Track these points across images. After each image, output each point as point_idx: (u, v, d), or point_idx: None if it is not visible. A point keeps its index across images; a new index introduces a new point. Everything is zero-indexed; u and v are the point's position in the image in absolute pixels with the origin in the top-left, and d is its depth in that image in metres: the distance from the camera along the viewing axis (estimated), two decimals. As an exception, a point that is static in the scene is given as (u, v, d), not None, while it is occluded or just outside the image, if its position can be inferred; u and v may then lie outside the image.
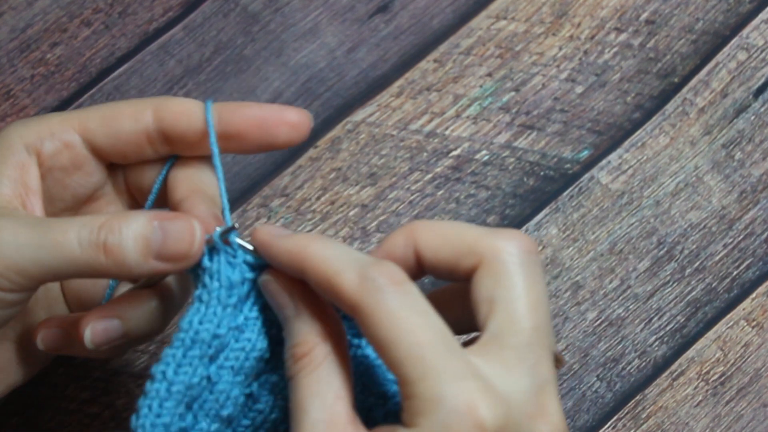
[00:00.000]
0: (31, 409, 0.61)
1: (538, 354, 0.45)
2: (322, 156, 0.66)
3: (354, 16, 0.68)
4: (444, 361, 0.43)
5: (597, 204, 0.65)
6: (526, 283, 0.46)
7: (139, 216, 0.48)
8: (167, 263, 0.48)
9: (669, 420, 0.62)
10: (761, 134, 0.67)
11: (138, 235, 0.48)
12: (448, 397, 0.43)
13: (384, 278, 0.44)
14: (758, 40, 0.68)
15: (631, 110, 0.67)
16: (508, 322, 0.45)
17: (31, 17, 0.67)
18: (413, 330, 0.43)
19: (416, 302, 0.44)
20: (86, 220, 0.48)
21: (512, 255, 0.46)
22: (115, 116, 0.51)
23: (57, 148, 0.51)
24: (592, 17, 0.68)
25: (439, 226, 0.48)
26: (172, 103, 0.51)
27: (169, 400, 0.48)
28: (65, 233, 0.47)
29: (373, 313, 0.44)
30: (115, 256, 0.48)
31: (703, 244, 0.65)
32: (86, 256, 0.47)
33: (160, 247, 0.48)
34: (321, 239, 0.46)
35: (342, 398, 0.45)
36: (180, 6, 0.68)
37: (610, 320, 0.64)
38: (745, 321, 0.64)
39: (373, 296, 0.44)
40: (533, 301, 0.45)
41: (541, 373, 0.45)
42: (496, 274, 0.46)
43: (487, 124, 0.66)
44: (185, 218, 0.49)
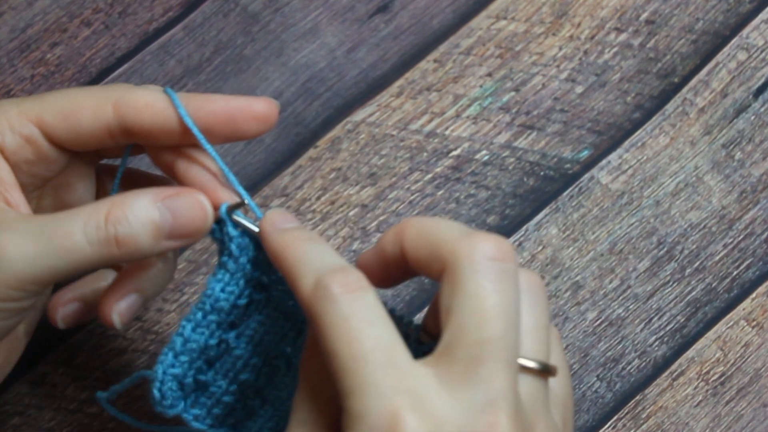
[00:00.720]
0: (31, 409, 0.61)
1: (488, 368, 0.42)
2: (322, 156, 0.66)
3: (354, 16, 0.68)
4: (376, 377, 0.42)
5: (597, 204, 0.65)
6: (482, 292, 0.43)
7: (141, 198, 0.48)
8: (180, 240, 0.49)
9: (669, 420, 0.62)
10: (761, 134, 0.67)
11: (146, 220, 0.48)
12: (371, 414, 0.41)
13: (337, 286, 0.43)
14: (758, 40, 0.68)
15: (631, 110, 0.67)
16: (457, 333, 0.43)
17: (31, 17, 0.67)
18: (352, 342, 0.42)
19: (365, 312, 0.43)
20: (87, 213, 0.47)
21: (473, 262, 0.44)
22: (74, 111, 0.49)
23: (19, 144, 0.49)
24: (592, 17, 0.68)
25: (423, 224, 0.46)
26: (133, 96, 0.49)
27: (184, 354, 0.50)
28: (72, 235, 0.47)
29: (319, 321, 0.43)
30: (128, 246, 0.48)
31: (703, 244, 0.65)
32: (98, 252, 0.47)
33: (171, 227, 0.48)
34: (304, 239, 0.46)
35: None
36: (180, 6, 0.68)
37: (610, 320, 0.64)
38: (745, 321, 0.64)
39: (322, 304, 0.43)
40: (485, 312, 0.43)
41: (493, 388, 0.42)
42: (452, 282, 0.44)
43: (487, 124, 0.66)
44: (189, 193, 0.49)
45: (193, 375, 0.50)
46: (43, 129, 0.49)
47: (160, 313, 0.62)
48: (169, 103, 0.49)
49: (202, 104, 0.49)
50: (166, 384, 0.50)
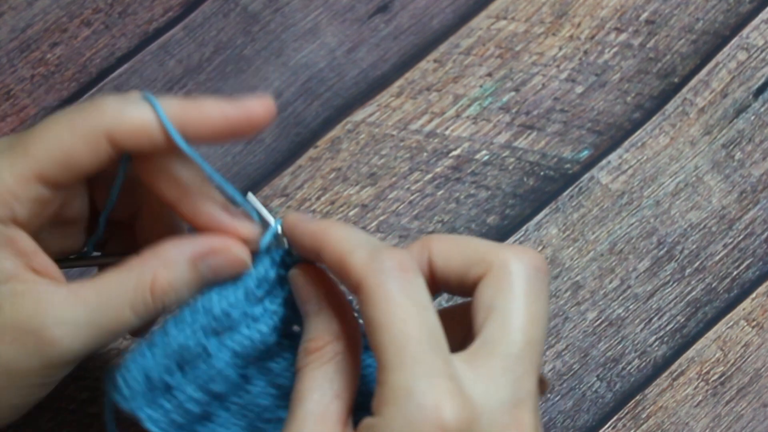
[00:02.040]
0: (31, 409, 0.61)
1: (524, 368, 0.45)
2: (322, 156, 0.66)
3: (354, 16, 0.68)
4: (424, 356, 0.43)
5: (597, 204, 0.65)
6: (528, 297, 0.46)
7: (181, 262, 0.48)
8: None
9: (669, 420, 0.62)
10: (761, 134, 0.67)
11: (191, 282, 0.49)
12: (417, 392, 0.43)
13: (392, 262, 0.44)
14: (758, 40, 0.68)
15: (631, 110, 0.67)
16: (502, 331, 0.45)
17: (31, 17, 0.67)
18: (404, 318, 0.44)
19: (417, 293, 0.44)
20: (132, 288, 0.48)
21: (519, 268, 0.46)
22: (71, 157, 0.47)
23: (30, 208, 0.48)
24: (592, 17, 0.68)
25: (454, 238, 0.48)
26: (123, 121, 0.47)
27: (158, 347, 0.49)
28: (122, 315, 0.48)
29: (372, 293, 0.44)
30: (174, 306, 0.49)
31: (703, 244, 0.65)
32: (144, 321, 0.49)
33: (213, 279, 0.49)
34: (341, 224, 0.47)
35: (340, 398, 0.46)
36: (180, 6, 0.68)
37: (610, 320, 0.64)
38: (745, 321, 0.64)
39: (377, 277, 0.44)
40: (531, 315, 0.45)
41: (524, 387, 0.45)
42: (499, 283, 0.46)
43: (487, 124, 0.66)
44: (226, 248, 0.49)
45: (161, 373, 0.49)
46: (45, 183, 0.48)
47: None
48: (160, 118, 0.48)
49: (198, 114, 0.48)
50: (131, 372, 0.49)
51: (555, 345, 0.63)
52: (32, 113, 0.65)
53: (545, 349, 0.63)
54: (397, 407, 0.43)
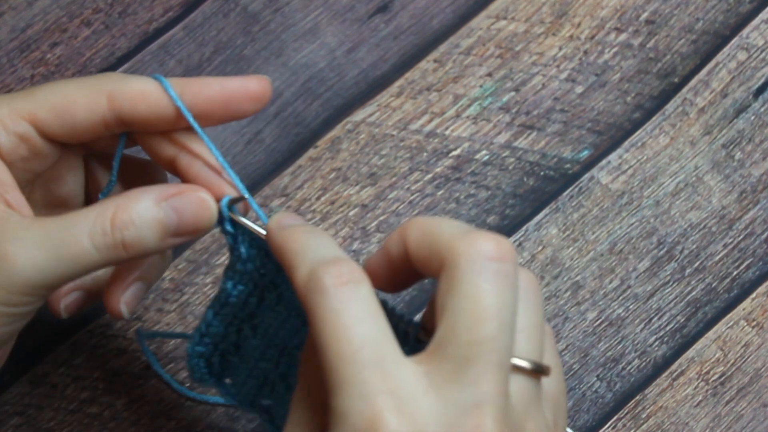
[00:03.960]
0: (31, 409, 0.61)
1: (478, 370, 0.41)
2: (322, 156, 0.66)
3: (354, 16, 0.68)
4: (360, 376, 0.41)
5: (597, 204, 0.65)
6: (477, 292, 0.42)
7: (146, 200, 0.48)
8: (185, 237, 0.49)
9: (669, 420, 0.62)
10: (761, 134, 0.67)
11: (153, 221, 0.48)
12: (352, 414, 0.41)
13: (330, 277, 0.42)
14: (758, 40, 0.68)
15: (631, 110, 0.67)
16: (449, 333, 0.42)
17: (31, 17, 0.67)
18: (340, 338, 0.42)
19: (356, 306, 0.42)
20: (94, 219, 0.47)
21: (470, 261, 0.43)
22: (68, 106, 0.49)
23: (14, 142, 0.49)
24: (592, 17, 0.68)
25: (426, 222, 0.45)
26: (126, 86, 0.49)
27: (207, 336, 0.53)
28: (80, 242, 0.47)
29: (311, 314, 0.43)
30: (135, 248, 0.48)
31: (703, 244, 0.65)
32: (105, 256, 0.48)
33: (177, 226, 0.49)
34: (305, 234, 0.46)
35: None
36: (180, 6, 0.68)
37: (610, 320, 0.64)
38: (745, 321, 0.64)
39: (313, 296, 0.43)
40: (478, 312, 0.42)
41: (481, 390, 0.41)
42: (449, 280, 0.43)
43: (487, 124, 0.66)
44: (193, 191, 0.49)
45: (219, 356, 0.53)
46: (36, 126, 0.49)
47: (160, 313, 0.63)
48: (164, 91, 0.49)
49: (198, 89, 0.49)
50: (192, 360, 0.53)
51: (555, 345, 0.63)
52: (32, 113, 0.66)
53: (545, 349, 0.63)
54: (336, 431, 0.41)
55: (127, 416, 0.61)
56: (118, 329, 0.62)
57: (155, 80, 0.49)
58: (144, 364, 0.62)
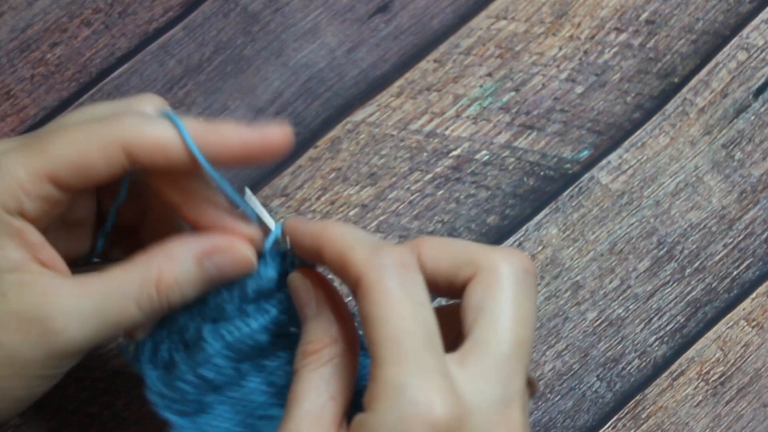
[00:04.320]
0: (31, 409, 0.61)
1: (513, 367, 0.45)
2: (322, 156, 0.66)
3: (354, 16, 0.68)
4: (418, 353, 0.44)
5: (597, 204, 0.65)
6: (517, 297, 0.46)
7: (187, 260, 0.49)
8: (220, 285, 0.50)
9: (669, 420, 0.62)
10: (761, 134, 0.67)
11: (195, 281, 0.49)
12: (409, 388, 0.43)
13: (392, 259, 0.45)
14: (758, 40, 0.68)
15: (631, 110, 0.67)
16: (492, 331, 0.46)
17: (31, 17, 0.67)
18: (401, 315, 0.44)
19: (415, 290, 0.45)
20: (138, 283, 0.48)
21: (508, 269, 0.47)
22: (85, 162, 0.48)
23: (38, 206, 0.48)
24: (592, 17, 0.68)
25: (443, 240, 0.49)
26: (143, 135, 0.48)
27: (167, 323, 0.52)
28: (127, 309, 0.48)
29: (371, 288, 0.44)
30: (178, 304, 0.50)
31: (703, 244, 0.65)
32: (149, 316, 0.49)
33: (218, 279, 0.50)
34: (341, 223, 0.48)
35: (336, 400, 0.46)
36: (180, 6, 0.68)
37: (610, 320, 0.64)
38: (745, 321, 0.64)
39: (376, 272, 0.45)
40: (520, 316, 0.46)
41: (514, 386, 0.45)
42: (488, 284, 0.46)
43: (487, 124, 0.66)
44: (232, 247, 0.50)
45: (168, 348, 0.52)
46: (56, 184, 0.48)
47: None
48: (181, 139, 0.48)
49: (215, 140, 0.49)
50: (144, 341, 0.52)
51: (555, 345, 0.63)
52: (32, 113, 0.65)
53: (545, 349, 0.63)
54: (389, 403, 0.43)
55: (127, 416, 0.61)
56: (118, 329, 0.62)
57: (170, 121, 0.48)
58: (144, 364, 0.62)
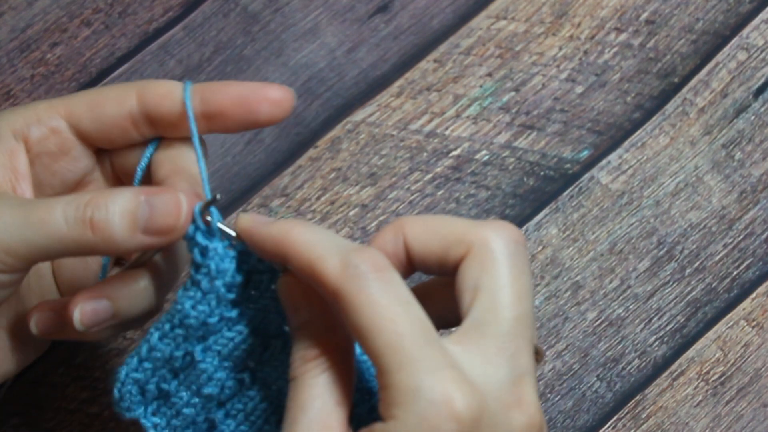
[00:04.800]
0: (31, 409, 0.61)
1: (518, 344, 0.45)
2: (322, 156, 0.66)
3: (354, 16, 0.68)
4: (422, 352, 0.43)
5: (597, 204, 0.65)
6: (513, 272, 0.45)
7: (125, 191, 0.48)
8: (155, 237, 0.48)
9: (669, 420, 0.62)
10: (761, 134, 0.67)
11: (125, 210, 0.48)
12: (425, 388, 0.42)
13: (366, 265, 0.44)
14: (758, 40, 0.68)
15: (631, 110, 0.67)
16: (491, 310, 0.45)
17: (31, 17, 0.67)
18: (393, 319, 0.43)
19: (397, 290, 0.44)
20: (72, 197, 0.48)
21: (500, 244, 0.46)
22: (100, 101, 0.51)
23: (44, 134, 0.51)
24: (592, 17, 0.68)
25: (427, 219, 0.48)
26: (154, 85, 0.51)
27: (148, 361, 0.49)
28: (51, 211, 0.47)
29: (354, 300, 0.44)
30: (102, 231, 0.48)
31: (703, 244, 0.65)
32: (73, 233, 0.47)
33: (147, 220, 0.48)
34: (303, 224, 0.46)
35: (341, 405, 0.46)
36: (180, 6, 0.68)
37: (610, 320, 0.64)
38: (745, 321, 0.64)
39: (354, 283, 0.44)
40: (518, 290, 0.45)
41: (521, 363, 0.44)
42: (482, 262, 0.45)
43: (487, 124, 0.66)
44: (170, 191, 0.49)
45: (156, 383, 0.50)
46: (70, 120, 0.51)
47: (159, 313, 0.62)
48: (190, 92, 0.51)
49: (218, 88, 0.51)
50: (126, 386, 0.50)
51: (555, 345, 0.63)
52: (32, 113, 0.66)
53: (545, 349, 0.63)
54: (408, 407, 0.43)
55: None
56: (118, 329, 0.62)
57: (178, 83, 0.51)
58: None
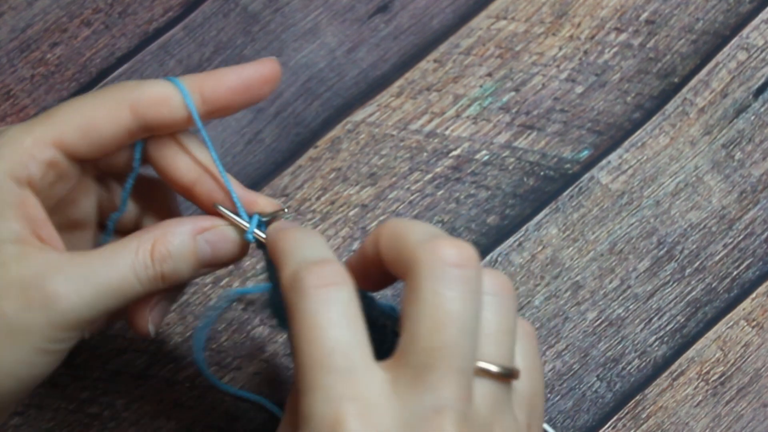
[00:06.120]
0: (31, 409, 0.61)
1: (437, 375, 0.42)
2: (322, 156, 0.66)
3: (354, 16, 0.68)
4: (327, 380, 0.42)
5: (597, 204, 0.65)
6: (436, 299, 0.43)
7: (182, 232, 0.49)
8: (216, 267, 0.51)
9: (669, 420, 0.62)
10: (761, 134, 0.67)
11: (188, 254, 0.49)
12: (315, 416, 0.42)
13: (312, 279, 0.43)
14: (758, 40, 0.68)
15: (631, 110, 0.67)
16: (410, 340, 0.43)
17: (31, 17, 0.67)
18: (313, 341, 0.42)
19: (333, 310, 0.43)
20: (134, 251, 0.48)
21: (431, 268, 0.43)
22: (92, 124, 0.49)
23: (43, 172, 0.49)
24: (592, 17, 0.68)
25: (396, 226, 0.46)
26: (145, 93, 0.49)
27: None
28: (125, 276, 0.48)
29: (290, 314, 0.43)
30: (172, 279, 0.49)
31: (703, 244, 0.65)
32: (147, 288, 0.49)
33: (211, 258, 0.50)
34: (296, 234, 0.47)
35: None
36: (180, 6, 0.68)
37: (610, 320, 0.64)
38: (745, 321, 0.64)
39: (293, 296, 0.43)
40: (435, 319, 0.43)
41: (442, 395, 0.42)
42: (410, 289, 0.44)
43: (487, 124, 0.66)
44: (225, 226, 0.50)
45: None
46: (64, 149, 0.49)
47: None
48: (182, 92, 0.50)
49: (216, 83, 0.50)
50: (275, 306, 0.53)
51: (555, 345, 0.63)
52: (32, 113, 0.66)
53: (545, 349, 0.63)
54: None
55: (127, 416, 0.61)
56: (118, 329, 0.62)
57: (169, 82, 0.50)
58: (144, 363, 0.62)
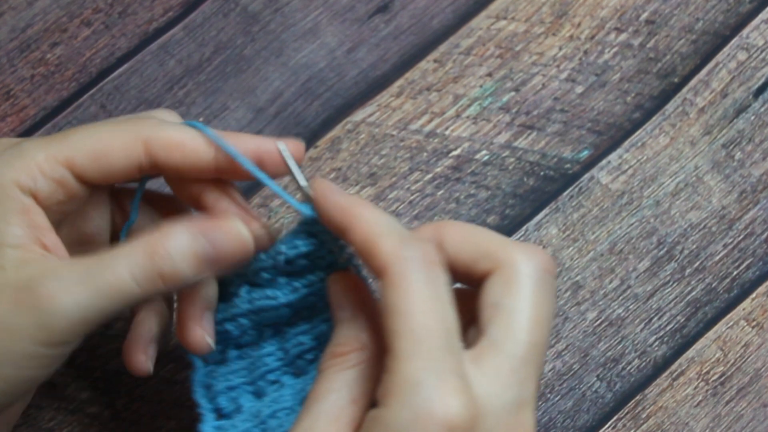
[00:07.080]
0: (31, 409, 0.61)
1: (528, 370, 0.45)
2: (322, 156, 0.66)
3: (354, 16, 0.68)
4: (437, 351, 0.43)
5: (597, 204, 0.65)
6: (535, 298, 0.46)
7: (182, 232, 0.49)
8: (223, 266, 0.50)
9: (669, 420, 0.62)
10: (761, 134, 0.67)
11: (188, 254, 0.48)
12: (426, 385, 0.43)
13: (419, 253, 0.45)
14: (758, 40, 0.68)
15: (631, 110, 0.67)
16: (508, 331, 0.45)
17: (31, 17, 0.67)
18: (424, 311, 0.44)
19: (439, 287, 0.45)
20: (131, 252, 0.48)
21: (528, 268, 0.46)
22: (105, 152, 0.49)
23: (52, 188, 0.49)
24: (592, 17, 0.68)
25: (467, 227, 0.48)
26: (163, 135, 0.50)
27: None
28: (120, 277, 0.47)
29: (397, 280, 0.44)
30: (172, 279, 0.48)
31: (703, 244, 0.65)
32: (145, 290, 0.48)
33: (213, 257, 0.49)
34: (371, 204, 0.47)
35: (357, 403, 0.46)
36: (180, 6, 0.68)
37: (610, 320, 0.64)
38: (745, 321, 0.64)
39: (402, 265, 0.45)
40: (537, 317, 0.46)
41: (527, 389, 0.45)
42: (507, 282, 0.46)
43: (487, 124, 0.66)
44: (227, 222, 0.49)
45: None
46: (73, 171, 0.49)
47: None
48: (201, 141, 0.50)
49: (233, 143, 0.50)
50: None
51: (555, 345, 0.63)
52: (32, 113, 0.66)
53: (545, 349, 0.63)
54: (405, 399, 0.43)
55: (127, 416, 0.61)
56: (118, 329, 0.62)
57: (191, 127, 0.50)
58: (144, 364, 0.62)
